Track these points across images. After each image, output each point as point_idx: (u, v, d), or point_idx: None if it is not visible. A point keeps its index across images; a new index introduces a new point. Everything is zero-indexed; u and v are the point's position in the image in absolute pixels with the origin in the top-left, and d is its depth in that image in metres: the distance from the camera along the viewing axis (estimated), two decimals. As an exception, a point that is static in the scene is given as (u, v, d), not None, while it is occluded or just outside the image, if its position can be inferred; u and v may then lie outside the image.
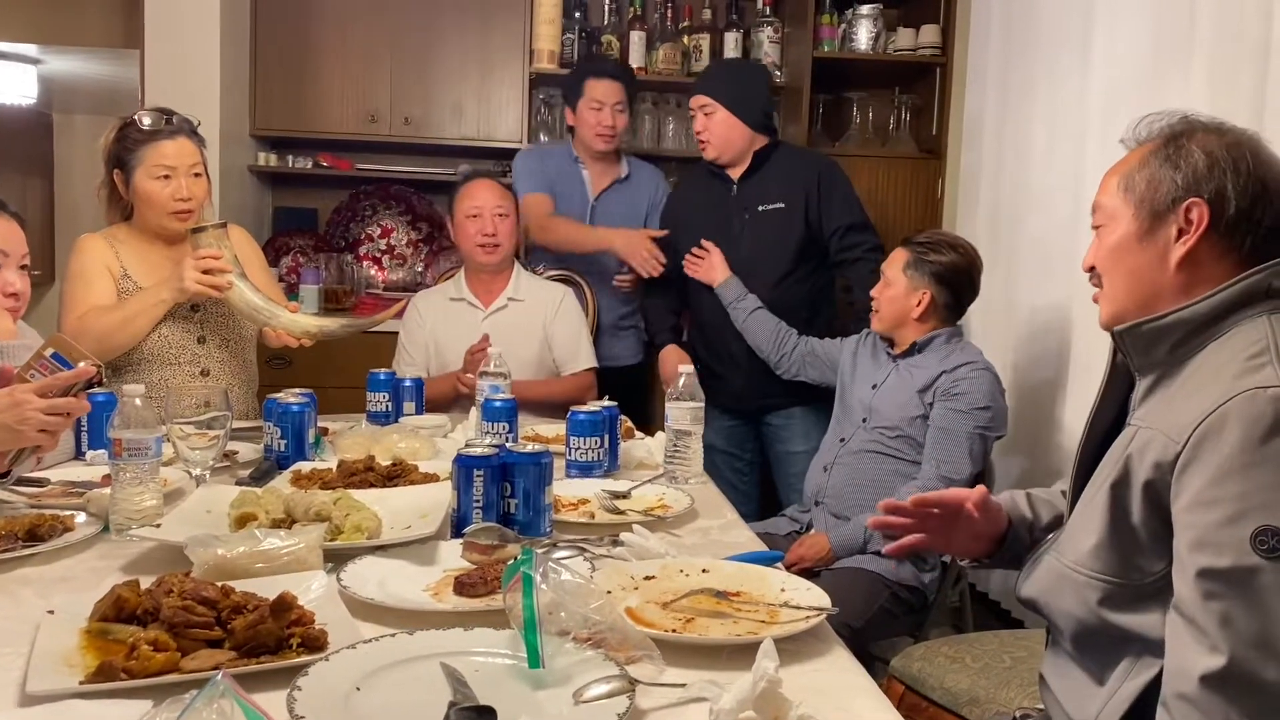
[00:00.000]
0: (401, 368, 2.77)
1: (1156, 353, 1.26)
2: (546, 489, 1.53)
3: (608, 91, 3.18)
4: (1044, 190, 2.91)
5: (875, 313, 2.53)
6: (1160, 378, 1.27)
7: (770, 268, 2.95)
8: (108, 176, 2.35)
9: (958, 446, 2.33)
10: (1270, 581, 1.08)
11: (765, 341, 2.86)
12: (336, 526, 1.44)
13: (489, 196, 2.81)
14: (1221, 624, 1.10)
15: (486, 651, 1.08)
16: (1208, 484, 1.12)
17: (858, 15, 3.78)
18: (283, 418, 1.94)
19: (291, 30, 3.87)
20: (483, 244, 2.78)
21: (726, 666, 1.08)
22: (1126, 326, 1.28)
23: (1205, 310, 1.22)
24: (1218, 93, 2.13)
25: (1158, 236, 1.27)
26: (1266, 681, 1.08)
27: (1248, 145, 1.26)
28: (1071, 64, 2.78)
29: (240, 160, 3.87)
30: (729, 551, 1.51)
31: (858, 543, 2.35)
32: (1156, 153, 1.28)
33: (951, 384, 2.38)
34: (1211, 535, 1.11)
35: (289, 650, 1.06)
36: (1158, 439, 1.19)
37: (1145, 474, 1.19)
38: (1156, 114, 1.33)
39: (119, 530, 1.48)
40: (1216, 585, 1.10)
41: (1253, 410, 1.11)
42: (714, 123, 2.93)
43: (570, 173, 3.29)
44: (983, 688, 1.86)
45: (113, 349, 2.25)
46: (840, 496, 2.47)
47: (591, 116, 3.19)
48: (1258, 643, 1.08)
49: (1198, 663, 1.11)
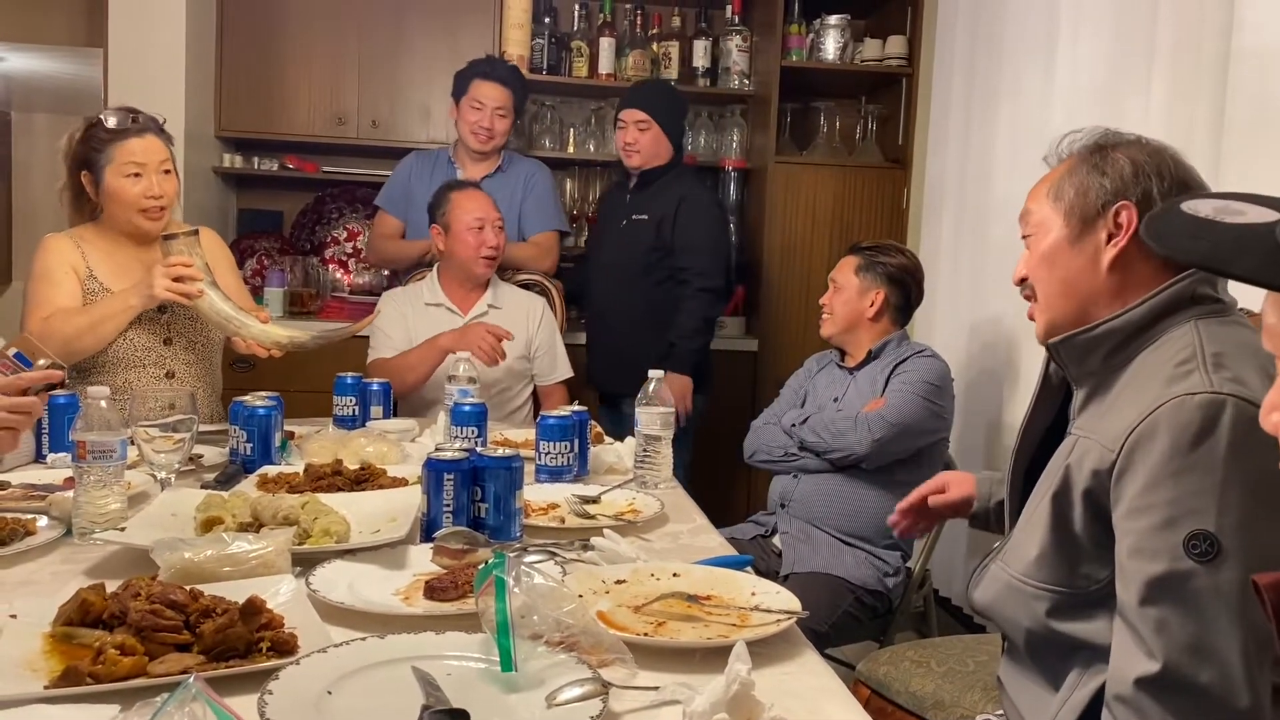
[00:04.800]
0: (379, 349, 2.81)
1: (1090, 363, 1.29)
2: (517, 493, 1.53)
3: (491, 94, 3.24)
4: (1007, 200, 2.95)
5: (828, 317, 2.57)
6: (1096, 387, 1.30)
7: (625, 272, 3.23)
8: (71, 179, 2.31)
9: (904, 400, 2.39)
10: (1203, 585, 1.11)
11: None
12: (304, 530, 1.43)
13: (490, 209, 2.87)
14: (1157, 629, 1.12)
15: (459, 655, 1.08)
16: (1141, 491, 1.15)
17: (825, 25, 3.82)
18: (249, 421, 1.92)
19: (258, 31, 3.84)
20: (488, 256, 2.83)
21: (699, 669, 1.08)
22: (1060, 339, 1.31)
23: (1135, 319, 1.25)
24: (1177, 104, 2.17)
25: (1088, 242, 1.30)
26: (1200, 684, 1.10)
27: (1168, 152, 1.30)
28: (1035, 75, 2.83)
29: (205, 162, 3.83)
30: (699, 556, 1.52)
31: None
32: (1083, 162, 1.32)
33: (901, 369, 2.47)
34: (1146, 541, 1.14)
35: (259, 654, 1.05)
36: (1094, 448, 1.21)
37: (1084, 483, 1.22)
38: (1077, 132, 1.37)
39: (82, 534, 1.46)
40: (1152, 591, 1.13)
41: (1181, 417, 1.13)
42: (646, 138, 3.20)
43: (443, 173, 3.33)
44: (947, 691, 1.88)
45: (78, 353, 2.21)
46: (807, 503, 2.49)
47: (471, 115, 3.26)
48: (1192, 647, 1.11)
49: (1135, 667, 1.13)
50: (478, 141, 3.27)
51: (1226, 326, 1.22)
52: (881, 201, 3.80)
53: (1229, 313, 1.26)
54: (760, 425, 2.63)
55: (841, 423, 2.43)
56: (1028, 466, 1.43)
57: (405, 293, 2.98)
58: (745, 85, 3.97)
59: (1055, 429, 1.42)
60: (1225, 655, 1.10)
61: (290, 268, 3.98)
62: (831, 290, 2.59)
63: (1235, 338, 1.20)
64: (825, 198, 3.78)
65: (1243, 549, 1.10)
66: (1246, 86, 2.00)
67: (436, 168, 3.37)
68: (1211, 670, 1.10)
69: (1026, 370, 2.81)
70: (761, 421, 2.65)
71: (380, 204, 3.44)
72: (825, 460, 2.46)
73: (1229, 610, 1.10)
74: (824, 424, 2.46)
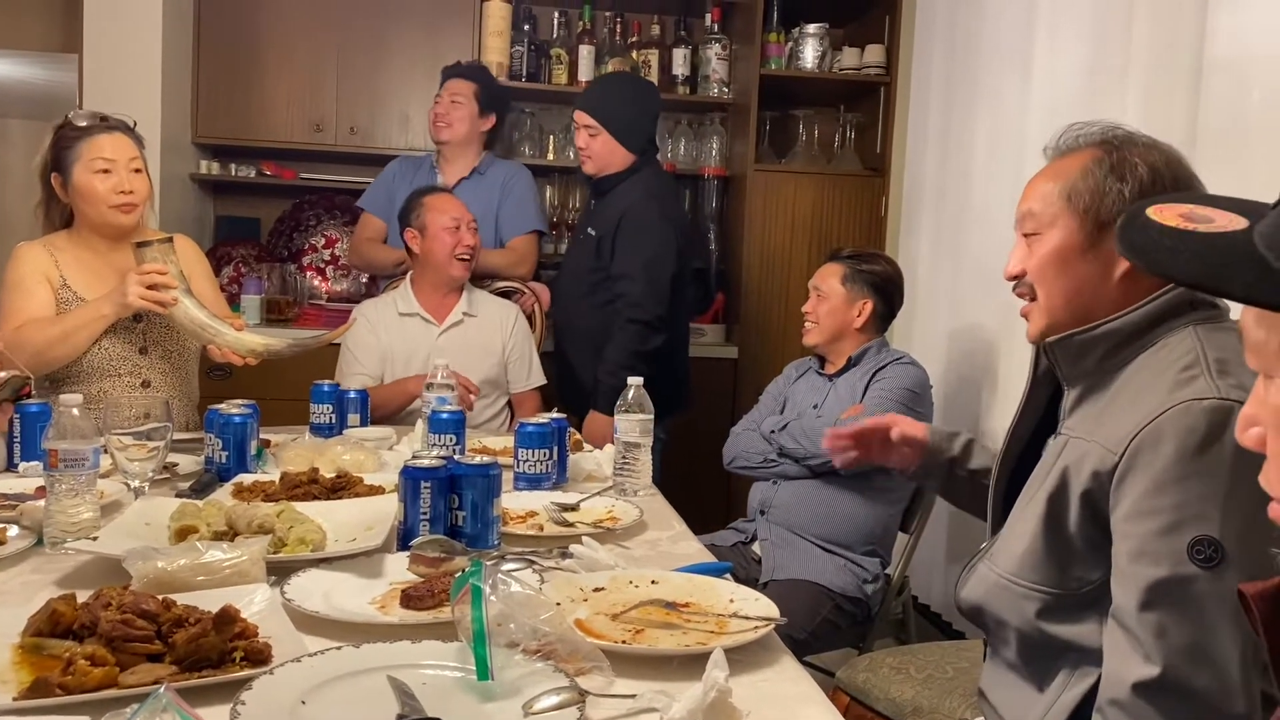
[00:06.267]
0: (348, 378, 2.73)
1: (1085, 363, 1.29)
2: (495, 501, 1.52)
3: (451, 87, 3.31)
4: (985, 207, 2.96)
5: (812, 326, 2.57)
6: (1090, 388, 1.29)
7: (574, 290, 3.05)
8: (45, 189, 2.29)
9: (883, 408, 2.37)
10: (1205, 590, 1.11)
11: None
12: (280, 539, 1.42)
13: (464, 210, 2.86)
14: (1157, 634, 1.12)
15: (434, 664, 1.07)
16: (1145, 494, 1.15)
17: (804, 34, 3.83)
18: (224, 429, 1.91)
19: (235, 37, 3.82)
20: (462, 256, 2.81)
21: (676, 677, 1.08)
22: (1057, 338, 1.30)
23: (1133, 322, 1.25)
24: (1152, 112, 2.19)
25: (1101, 249, 1.28)
26: (1197, 690, 1.11)
27: (1178, 161, 1.30)
28: (1012, 84, 2.85)
29: (182, 169, 3.80)
30: (678, 563, 1.51)
31: None
32: (1100, 163, 1.29)
33: (881, 377, 2.48)
34: (1150, 545, 1.14)
35: (232, 664, 1.04)
36: (1094, 450, 1.21)
37: (1083, 484, 1.22)
38: (1082, 123, 1.35)
39: (54, 543, 1.44)
40: (1154, 595, 1.13)
41: (1187, 422, 1.14)
42: (596, 144, 2.93)
43: (425, 175, 3.36)
44: (926, 698, 1.88)
45: (51, 362, 2.19)
46: (786, 510, 2.49)
47: (434, 109, 3.33)
48: (1190, 652, 1.11)
49: (1132, 671, 1.13)
50: (436, 131, 3.32)
51: (1224, 333, 1.22)
52: (860, 209, 3.81)
53: (1224, 318, 1.26)
54: (740, 431, 2.63)
55: (821, 429, 2.43)
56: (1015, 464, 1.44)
57: (379, 303, 2.95)
58: (725, 93, 3.98)
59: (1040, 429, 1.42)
60: (1223, 661, 1.10)
61: (267, 275, 3.95)
62: (815, 298, 2.58)
63: (1235, 344, 1.21)
64: (804, 205, 3.79)
65: (1245, 556, 1.10)
66: (1219, 96, 2.02)
67: (419, 172, 3.39)
68: (1209, 676, 1.11)
69: (1005, 376, 2.82)
70: (741, 428, 2.65)
71: (363, 205, 3.45)
72: (804, 466, 2.46)
73: (1229, 616, 1.10)
74: (803, 430, 2.46)
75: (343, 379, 2.71)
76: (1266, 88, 1.91)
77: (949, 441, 1.67)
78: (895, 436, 1.67)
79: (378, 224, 3.41)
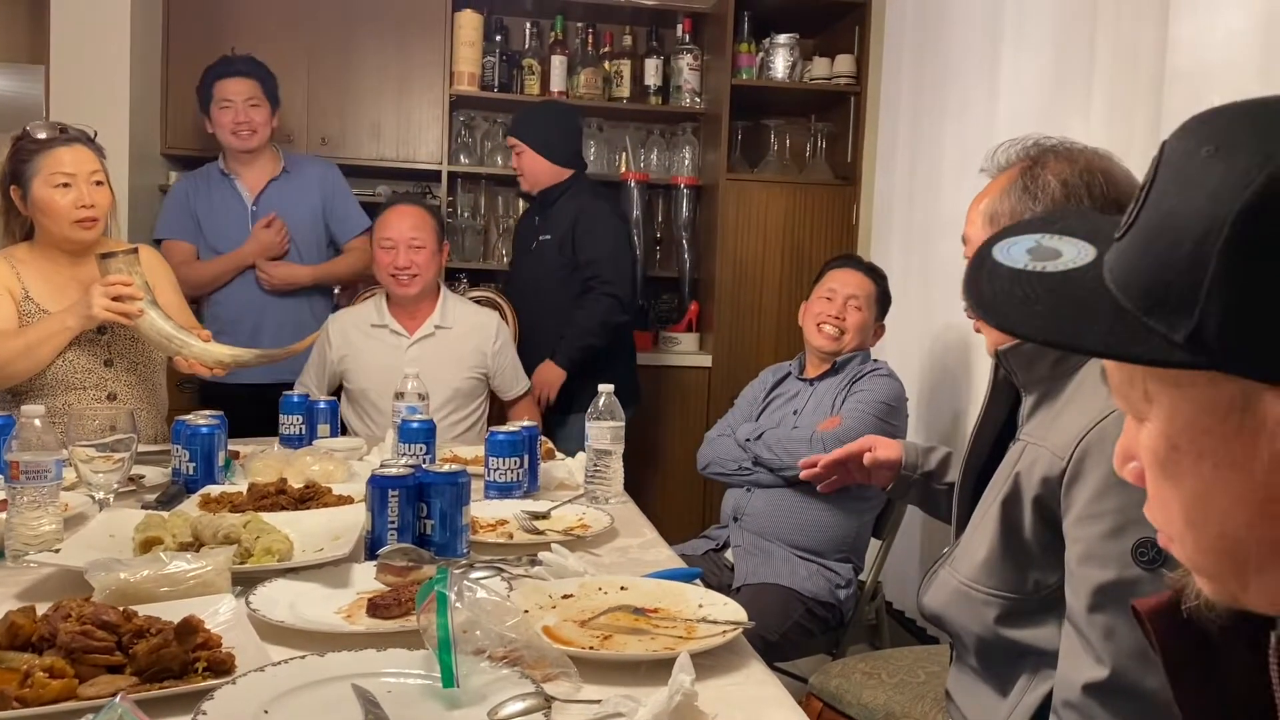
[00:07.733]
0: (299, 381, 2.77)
1: (1038, 370, 1.31)
2: (464, 509, 1.51)
3: (236, 89, 3.18)
4: (954, 215, 2.96)
5: (840, 334, 2.58)
6: (1045, 394, 1.31)
7: (542, 294, 3.21)
8: (4, 201, 2.25)
9: (859, 421, 2.41)
10: (1150, 592, 1.11)
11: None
12: (246, 549, 1.40)
13: (404, 227, 2.75)
14: (1105, 635, 1.13)
15: (399, 672, 1.07)
16: (1091, 498, 1.16)
17: (775, 44, 3.86)
18: (191, 440, 1.89)
19: (204, 47, 3.77)
20: (396, 276, 2.75)
21: (644, 682, 1.08)
22: (1008, 347, 1.32)
23: None
24: (1115, 122, 2.22)
25: None
26: (1147, 690, 1.11)
27: (1099, 167, 1.30)
28: (979, 94, 2.88)
29: (151, 180, 3.77)
30: (648, 569, 1.51)
31: None
32: (1014, 184, 1.32)
33: (857, 389, 2.51)
34: (1096, 548, 1.15)
35: (194, 675, 1.03)
36: (1044, 455, 1.23)
37: (1034, 489, 1.23)
38: (1011, 141, 1.37)
39: (15, 556, 1.42)
40: (1102, 597, 1.14)
41: None
42: (524, 162, 3.21)
43: (221, 187, 3.27)
44: (898, 703, 1.88)
45: (13, 376, 2.16)
46: (759, 517, 2.49)
47: (224, 116, 3.18)
48: (1139, 653, 1.12)
49: (1083, 673, 1.14)
50: (240, 140, 3.18)
51: None
52: (831, 218, 3.84)
53: None
54: (714, 437, 2.64)
55: (797, 440, 2.44)
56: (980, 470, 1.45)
57: (351, 314, 2.93)
58: (696, 103, 4.00)
59: (1006, 434, 1.43)
60: None
61: (237, 286, 3.91)
62: (847, 305, 2.59)
63: None
64: (776, 214, 3.81)
65: None
66: (1181, 104, 2.04)
67: (211, 182, 3.28)
68: (1159, 677, 1.11)
69: (977, 383, 2.84)
70: (715, 433, 2.65)
71: (162, 236, 3.25)
72: (779, 476, 2.47)
73: None
74: (779, 441, 2.47)
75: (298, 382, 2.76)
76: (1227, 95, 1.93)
77: (924, 457, 1.71)
78: (868, 462, 1.72)
79: (185, 248, 3.22)
